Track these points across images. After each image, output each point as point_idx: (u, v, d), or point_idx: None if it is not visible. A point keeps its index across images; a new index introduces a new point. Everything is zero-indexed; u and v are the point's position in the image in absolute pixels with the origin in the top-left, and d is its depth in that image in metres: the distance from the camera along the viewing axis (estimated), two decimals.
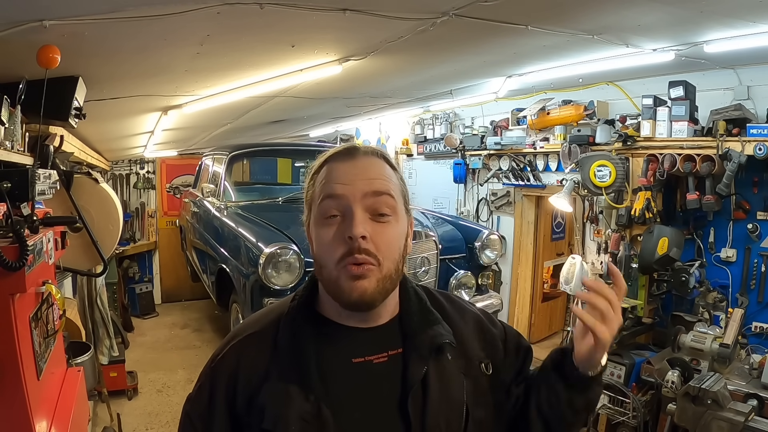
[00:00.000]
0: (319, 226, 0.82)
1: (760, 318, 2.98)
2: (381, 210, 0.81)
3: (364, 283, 0.78)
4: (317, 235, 0.82)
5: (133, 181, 6.94)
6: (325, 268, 0.81)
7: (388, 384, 0.83)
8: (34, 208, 1.55)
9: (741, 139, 2.77)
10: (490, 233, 3.74)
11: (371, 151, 0.86)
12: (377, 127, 6.32)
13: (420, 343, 0.85)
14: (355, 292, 0.78)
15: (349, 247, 0.78)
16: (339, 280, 0.79)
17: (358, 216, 0.78)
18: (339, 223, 0.80)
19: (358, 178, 0.81)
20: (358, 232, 0.77)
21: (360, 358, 0.84)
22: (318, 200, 0.82)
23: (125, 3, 1.47)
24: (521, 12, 2.00)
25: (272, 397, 0.79)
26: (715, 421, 2.35)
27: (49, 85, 1.80)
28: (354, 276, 0.78)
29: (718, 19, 2.13)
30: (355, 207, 0.79)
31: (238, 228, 3.54)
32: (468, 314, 0.98)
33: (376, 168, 0.83)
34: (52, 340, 1.69)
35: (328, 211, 0.80)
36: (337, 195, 0.80)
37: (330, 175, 0.83)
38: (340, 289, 0.79)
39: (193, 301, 6.96)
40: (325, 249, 0.80)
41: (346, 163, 0.83)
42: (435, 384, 0.83)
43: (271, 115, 4.35)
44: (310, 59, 2.47)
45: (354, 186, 0.80)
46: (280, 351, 0.83)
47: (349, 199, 0.79)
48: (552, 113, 4.05)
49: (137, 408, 4.02)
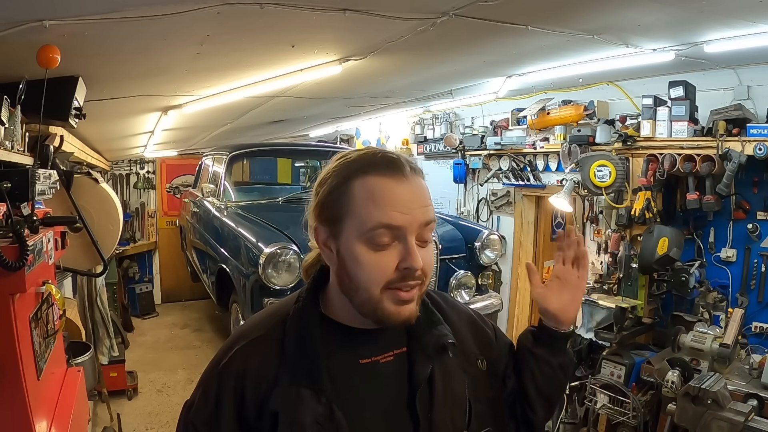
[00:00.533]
0: (366, 250, 0.77)
1: (760, 318, 2.97)
2: (427, 237, 0.81)
3: (411, 307, 0.79)
4: (362, 258, 0.77)
5: (133, 181, 6.95)
6: (365, 290, 0.78)
7: (395, 383, 0.85)
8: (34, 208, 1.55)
9: (741, 139, 2.77)
10: (490, 233, 3.73)
11: (417, 169, 0.82)
12: (377, 127, 6.32)
13: (426, 343, 0.87)
14: (402, 316, 0.79)
15: (403, 276, 0.77)
16: (382, 303, 0.78)
17: (413, 246, 0.77)
18: (393, 249, 0.77)
19: (415, 206, 0.78)
20: (419, 265, 0.77)
21: (367, 359, 0.85)
22: (368, 223, 0.76)
23: (125, 3, 1.47)
24: (521, 12, 2.00)
25: (285, 402, 0.78)
26: (715, 421, 2.35)
27: (49, 85, 1.80)
28: (402, 301, 0.78)
29: (718, 19, 2.13)
30: (410, 238, 0.77)
31: (238, 228, 3.54)
32: (462, 313, 1.02)
33: (426, 192, 0.81)
34: (52, 340, 1.69)
35: (380, 238, 0.77)
36: (396, 226, 0.76)
37: (384, 197, 0.77)
38: (383, 311, 0.78)
39: (193, 301, 6.96)
40: (373, 274, 0.77)
41: (399, 185, 0.78)
42: (440, 382, 0.86)
43: (271, 115, 4.35)
44: (310, 59, 2.47)
45: (412, 216, 0.77)
46: (289, 354, 0.82)
47: (407, 230, 0.77)
48: (552, 113, 4.05)
49: (137, 408, 4.02)
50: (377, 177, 0.78)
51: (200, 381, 0.87)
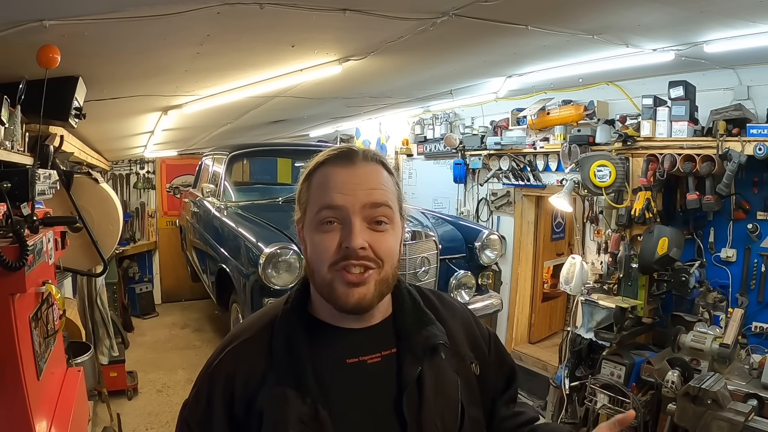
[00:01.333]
0: (315, 232, 0.82)
1: (760, 318, 2.97)
2: (379, 219, 0.81)
3: (362, 289, 0.80)
4: (312, 240, 0.82)
5: (133, 181, 6.95)
6: (317, 272, 0.81)
7: (383, 384, 0.84)
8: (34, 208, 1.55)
9: (741, 139, 2.77)
10: (490, 233, 3.74)
11: (370, 156, 0.85)
12: (377, 127, 6.32)
13: (414, 344, 0.86)
14: (352, 298, 0.79)
15: (345, 254, 0.79)
16: (333, 283, 0.80)
17: (356, 227, 0.79)
18: (336, 230, 0.80)
19: (359, 188, 0.81)
20: (357, 244, 0.78)
21: (354, 359, 0.85)
22: (315, 207, 0.82)
23: (125, 3, 1.47)
24: (521, 12, 2.00)
25: (270, 402, 0.79)
26: (715, 421, 2.35)
27: (49, 85, 1.80)
28: (350, 283, 0.79)
29: (718, 19, 2.13)
30: (354, 218, 0.79)
31: (238, 228, 3.54)
32: (458, 313, 0.99)
33: (376, 176, 0.83)
34: (52, 340, 1.69)
35: (325, 219, 0.80)
36: (337, 206, 0.80)
37: (328, 181, 0.82)
38: (335, 293, 0.80)
39: (193, 301, 6.96)
40: (319, 254, 0.81)
41: (345, 169, 0.82)
42: (430, 383, 0.85)
43: (271, 115, 4.35)
44: (310, 59, 2.47)
45: (354, 196, 0.80)
46: (276, 355, 0.83)
47: (349, 210, 0.79)
48: (552, 113, 4.05)
49: (137, 408, 4.02)
50: (329, 166, 0.83)
51: (195, 382, 0.88)
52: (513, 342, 4.71)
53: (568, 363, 3.30)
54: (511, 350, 4.67)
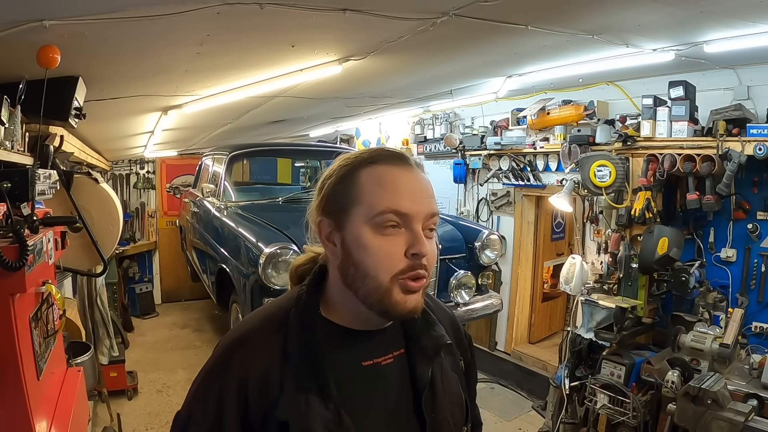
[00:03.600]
0: (374, 235, 0.78)
1: (760, 318, 2.97)
2: (431, 228, 0.82)
3: (417, 297, 0.80)
4: (368, 243, 0.78)
5: (133, 181, 6.95)
6: (372, 278, 0.78)
7: (398, 385, 0.86)
8: (34, 208, 1.55)
9: (741, 139, 2.77)
10: (490, 233, 3.73)
11: (419, 163, 0.85)
12: (377, 127, 6.32)
13: (425, 345, 0.88)
14: (409, 306, 0.79)
15: (412, 264, 0.78)
16: (391, 291, 0.78)
17: (421, 233, 0.79)
18: (399, 235, 0.78)
19: (423, 195, 0.81)
20: (426, 251, 0.78)
21: (369, 361, 0.85)
22: (376, 208, 0.78)
23: (125, 3, 1.47)
24: (521, 12, 2.00)
25: (293, 410, 0.76)
26: (715, 421, 2.35)
27: (49, 85, 1.80)
28: (410, 290, 0.79)
29: (718, 19, 2.13)
30: (417, 225, 0.79)
31: (238, 228, 3.54)
32: (446, 313, 1.03)
33: (431, 186, 0.84)
34: (52, 340, 1.69)
35: (388, 222, 0.78)
36: (405, 213, 0.78)
37: (393, 184, 0.79)
38: (392, 301, 0.78)
39: (193, 301, 6.96)
40: (382, 260, 0.78)
41: (407, 174, 0.81)
42: (440, 382, 0.87)
43: (271, 115, 4.35)
44: (310, 59, 2.47)
45: (420, 205, 0.79)
46: (293, 360, 0.80)
47: (414, 219, 0.78)
48: (552, 113, 4.05)
49: (137, 408, 4.02)
50: (385, 166, 0.81)
51: (196, 391, 0.82)
52: (513, 342, 4.71)
53: (568, 363, 3.29)
54: (511, 350, 4.67)
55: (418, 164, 0.85)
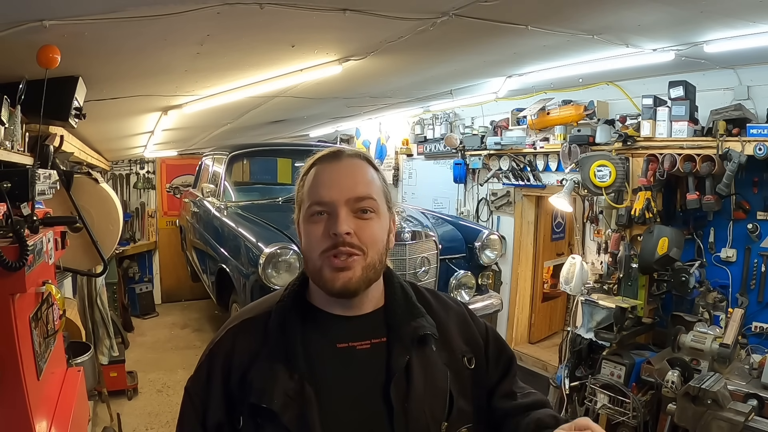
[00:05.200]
0: (307, 224, 0.89)
1: (760, 318, 2.97)
2: (364, 208, 0.88)
3: (348, 273, 0.85)
4: (305, 231, 0.89)
5: (133, 181, 6.94)
6: (310, 260, 0.88)
7: (372, 370, 0.88)
8: (34, 208, 1.55)
9: (741, 139, 2.77)
10: (490, 233, 3.73)
11: (355, 153, 0.93)
12: (377, 127, 6.32)
13: (404, 334, 0.91)
14: (338, 282, 0.85)
15: (333, 242, 0.85)
16: (322, 270, 0.86)
17: (342, 215, 0.85)
18: (325, 220, 0.86)
19: (343, 182, 0.88)
20: (342, 229, 0.84)
21: (344, 344, 0.89)
22: (307, 203, 0.89)
23: (125, 3, 1.47)
24: (521, 12, 2.00)
25: (260, 374, 0.85)
26: (715, 421, 2.35)
27: (49, 85, 1.80)
28: (336, 268, 0.85)
29: (718, 19, 2.13)
30: (339, 209, 0.85)
31: (238, 228, 3.53)
32: (452, 310, 1.02)
33: (360, 171, 0.90)
34: (52, 340, 1.69)
35: (315, 212, 0.87)
36: (324, 201, 0.86)
37: (317, 178, 0.89)
38: (324, 278, 0.86)
39: (193, 301, 6.96)
40: (311, 243, 0.87)
41: (331, 165, 0.90)
42: (419, 373, 0.88)
43: (271, 115, 4.35)
44: (310, 59, 2.47)
45: (339, 189, 0.87)
46: (270, 334, 0.89)
47: (335, 203, 0.86)
48: (552, 113, 4.05)
49: (137, 408, 4.02)
50: (319, 165, 0.91)
51: (199, 360, 0.96)
52: (513, 342, 4.71)
53: (568, 363, 3.30)
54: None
55: (357, 154, 0.92)
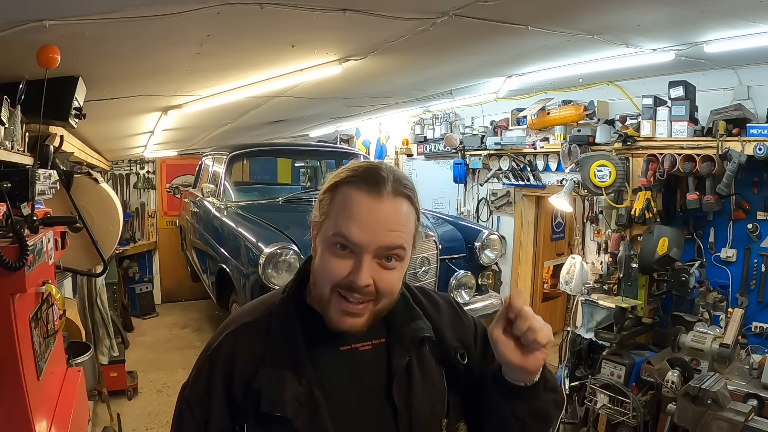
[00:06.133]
0: (326, 251, 0.83)
1: (760, 318, 2.98)
2: (390, 258, 0.82)
3: (356, 321, 0.83)
4: (322, 256, 0.84)
5: (133, 181, 6.94)
6: (319, 286, 0.84)
7: (374, 371, 0.89)
8: (34, 208, 1.55)
9: (741, 139, 2.77)
10: (490, 233, 3.73)
11: (399, 191, 0.82)
12: (377, 127, 6.32)
13: (404, 336, 0.91)
14: (345, 325, 0.83)
15: (348, 286, 0.81)
16: (330, 304, 0.83)
17: (365, 265, 0.80)
18: (346, 258, 0.81)
19: (378, 227, 0.80)
20: (363, 282, 0.80)
21: (346, 346, 0.89)
22: (332, 227, 0.81)
23: (125, 3, 1.47)
24: (521, 12, 1.99)
25: (268, 382, 0.83)
26: (715, 421, 2.35)
27: (49, 85, 1.80)
28: (346, 312, 0.82)
29: (718, 19, 2.13)
30: (365, 256, 0.80)
31: (238, 228, 3.53)
32: (441, 307, 1.02)
33: (398, 216, 0.82)
34: (52, 340, 1.69)
35: (338, 243, 0.81)
36: (352, 241, 0.80)
37: (351, 208, 0.80)
38: (330, 314, 0.83)
39: (193, 301, 6.95)
40: (325, 273, 0.83)
41: (370, 201, 0.80)
42: (418, 373, 0.89)
43: (271, 115, 4.35)
44: (310, 59, 2.47)
45: (372, 236, 0.79)
46: (273, 339, 0.87)
47: (363, 249, 0.80)
48: (552, 113, 4.05)
49: (137, 408, 4.02)
50: (355, 189, 0.81)
51: (196, 364, 0.93)
52: None
53: (568, 363, 3.30)
54: None
55: (399, 191, 0.82)
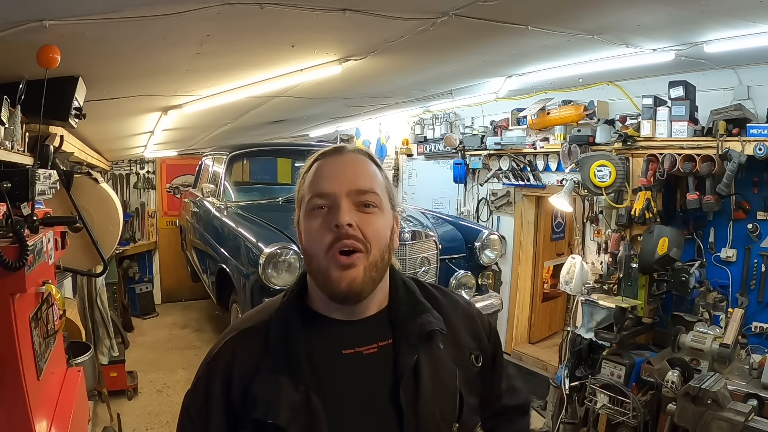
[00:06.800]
0: (308, 219, 0.85)
1: (760, 318, 2.97)
2: (366, 202, 0.84)
3: (352, 272, 0.81)
4: (306, 227, 0.85)
5: (133, 181, 6.95)
6: (314, 258, 0.83)
7: (380, 374, 0.85)
8: (34, 208, 1.55)
9: (741, 139, 2.77)
10: (490, 233, 3.73)
11: (357, 149, 0.91)
12: (377, 127, 6.32)
13: (409, 332, 0.87)
14: (344, 282, 0.81)
15: (337, 235, 0.81)
16: (328, 269, 0.82)
17: (344, 206, 0.82)
18: (326, 213, 0.83)
19: (345, 174, 0.85)
20: (345, 220, 0.80)
21: (350, 350, 0.86)
22: (306, 197, 0.86)
23: (125, 3, 1.47)
24: (521, 12, 2.00)
25: (263, 388, 0.81)
26: (715, 421, 2.35)
27: (49, 85, 1.80)
28: (343, 265, 0.81)
29: (718, 19, 2.13)
30: (341, 200, 0.82)
31: (238, 228, 3.54)
32: (460, 306, 1.01)
33: (363, 165, 0.88)
34: (52, 340, 1.69)
35: (316, 205, 0.84)
36: (325, 192, 0.83)
37: (318, 171, 0.87)
38: (330, 279, 0.82)
39: (193, 301, 6.96)
40: (313, 238, 0.83)
41: (333, 159, 0.88)
42: (427, 372, 0.85)
43: (271, 115, 4.35)
44: (310, 59, 2.47)
45: (340, 181, 0.84)
46: (271, 344, 0.85)
47: (336, 195, 0.83)
48: (552, 113, 4.05)
49: (137, 408, 4.02)
50: (321, 160, 0.89)
51: (197, 372, 0.91)
52: (513, 342, 4.71)
53: (568, 363, 3.29)
54: (511, 350, 4.67)
55: (359, 150, 0.90)
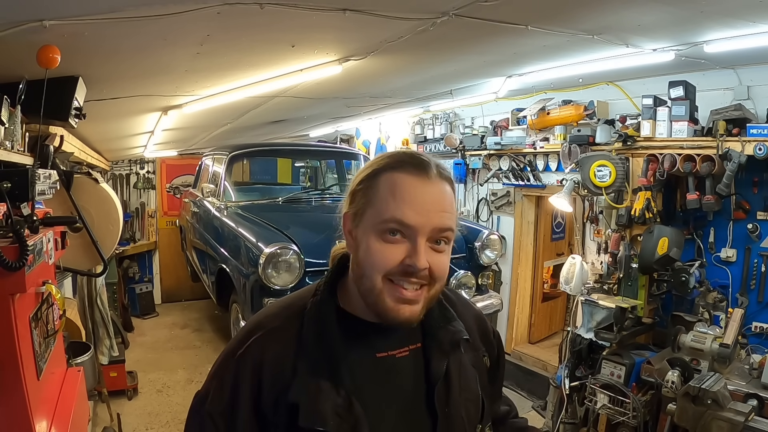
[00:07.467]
0: (376, 239, 0.80)
1: (760, 318, 2.97)
2: (440, 240, 0.81)
3: (414, 307, 0.80)
4: (371, 246, 0.80)
5: (133, 181, 6.94)
6: (368, 277, 0.80)
7: (412, 378, 0.86)
8: (34, 208, 1.55)
9: (741, 139, 2.77)
10: (490, 233, 3.73)
11: (443, 174, 0.83)
12: (377, 127, 6.32)
13: (442, 339, 0.89)
14: (401, 315, 0.79)
15: (404, 270, 0.78)
16: (383, 295, 0.79)
17: (421, 247, 0.78)
18: (400, 243, 0.79)
19: (432, 208, 0.79)
20: (423, 265, 0.78)
21: (384, 353, 0.86)
22: (382, 214, 0.79)
23: (125, 3, 1.47)
24: (521, 12, 2.00)
25: (305, 393, 0.78)
26: (715, 421, 2.35)
27: (49, 85, 1.80)
28: (403, 299, 0.79)
29: (718, 19, 2.13)
30: (420, 239, 0.78)
31: (238, 228, 3.54)
32: (470, 310, 1.04)
33: (447, 198, 0.82)
34: (52, 340, 1.69)
35: (390, 229, 0.79)
36: (408, 224, 0.78)
37: (402, 192, 0.79)
38: (384, 305, 0.79)
39: (193, 301, 6.96)
40: (376, 260, 0.79)
41: (420, 183, 0.80)
42: (455, 378, 0.88)
43: (271, 115, 4.35)
44: (310, 59, 2.47)
45: (427, 218, 0.78)
46: (307, 347, 0.82)
47: (418, 231, 0.78)
48: (552, 113, 4.05)
49: (137, 408, 4.02)
50: (402, 174, 0.80)
51: (215, 371, 0.85)
52: (513, 342, 4.71)
53: (568, 363, 3.29)
54: (511, 350, 4.67)
55: (443, 174, 0.83)
